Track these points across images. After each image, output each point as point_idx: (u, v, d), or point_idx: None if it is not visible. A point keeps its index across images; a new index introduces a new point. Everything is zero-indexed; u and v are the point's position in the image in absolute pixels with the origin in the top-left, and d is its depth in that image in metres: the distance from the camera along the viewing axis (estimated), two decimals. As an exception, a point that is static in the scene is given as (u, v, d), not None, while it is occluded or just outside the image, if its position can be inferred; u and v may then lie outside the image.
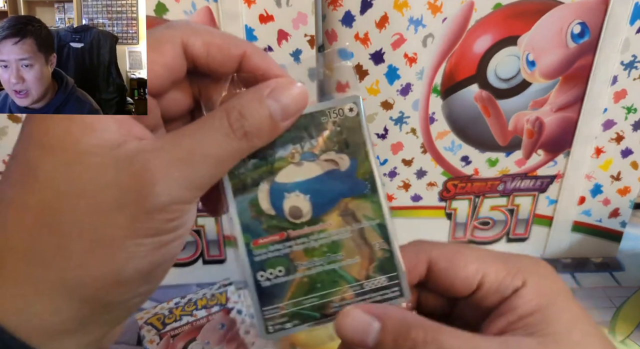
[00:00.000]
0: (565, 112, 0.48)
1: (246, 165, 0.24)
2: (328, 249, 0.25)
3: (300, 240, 0.25)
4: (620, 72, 0.46)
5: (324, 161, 0.24)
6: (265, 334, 0.25)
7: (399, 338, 0.23)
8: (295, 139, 0.24)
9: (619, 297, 0.51)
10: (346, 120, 0.24)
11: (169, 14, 0.41)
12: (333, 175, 0.24)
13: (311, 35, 0.42)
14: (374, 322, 0.23)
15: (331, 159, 0.24)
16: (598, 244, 0.56)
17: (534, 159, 0.50)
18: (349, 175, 0.24)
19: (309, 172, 0.24)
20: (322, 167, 0.24)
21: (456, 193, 0.52)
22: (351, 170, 0.24)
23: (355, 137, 0.24)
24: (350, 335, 0.24)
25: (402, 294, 0.25)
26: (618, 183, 0.52)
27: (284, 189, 0.24)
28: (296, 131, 0.24)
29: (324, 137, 0.24)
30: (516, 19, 0.44)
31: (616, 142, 0.50)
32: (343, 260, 0.25)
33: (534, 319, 0.23)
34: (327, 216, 0.25)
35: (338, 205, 0.25)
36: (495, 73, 0.46)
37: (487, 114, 0.48)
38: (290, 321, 0.25)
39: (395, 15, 0.42)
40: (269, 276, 0.25)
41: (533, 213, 0.54)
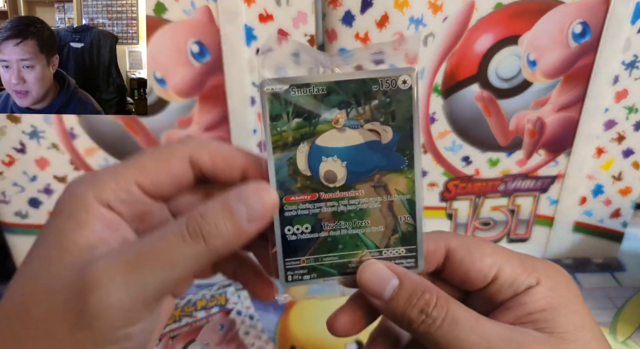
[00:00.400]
0: (566, 112, 0.48)
1: (289, 123, 0.24)
2: (355, 215, 0.25)
3: (330, 203, 0.25)
4: (621, 71, 0.46)
5: (367, 130, 0.25)
6: (284, 282, 0.26)
7: (413, 297, 0.24)
8: (342, 103, 0.24)
9: (620, 298, 0.51)
10: (397, 92, 0.24)
11: (168, 13, 0.40)
12: (373, 146, 0.25)
13: (311, 35, 0.42)
14: (394, 278, 0.24)
15: (374, 130, 0.25)
16: (599, 244, 0.55)
17: (535, 159, 0.50)
18: (389, 148, 0.25)
19: (350, 139, 0.25)
20: (364, 136, 0.25)
21: (457, 193, 0.52)
22: (392, 144, 0.25)
23: (403, 111, 0.24)
24: (370, 285, 0.25)
25: (417, 266, 0.26)
26: (619, 183, 0.52)
27: (323, 153, 0.25)
28: (344, 95, 0.24)
29: (372, 106, 0.24)
30: (517, 18, 0.44)
31: (617, 142, 0.49)
32: (368, 227, 0.26)
33: (542, 316, 0.23)
34: (360, 185, 0.25)
35: (372, 176, 0.25)
36: (496, 73, 0.46)
37: (488, 114, 0.47)
38: (309, 274, 0.26)
39: (396, 14, 0.42)
40: (295, 231, 0.25)
41: (534, 213, 0.54)
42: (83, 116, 0.43)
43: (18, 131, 0.43)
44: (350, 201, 0.25)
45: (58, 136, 0.44)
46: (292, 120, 0.24)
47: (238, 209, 0.22)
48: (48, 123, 0.43)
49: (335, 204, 0.25)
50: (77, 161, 0.46)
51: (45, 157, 0.45)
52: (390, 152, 0.25)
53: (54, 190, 0.47)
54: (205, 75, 0.43)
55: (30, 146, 0.44)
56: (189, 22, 0.41)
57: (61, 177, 0.46)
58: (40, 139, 0.44)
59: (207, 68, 0.43)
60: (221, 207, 0.22)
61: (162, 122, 0.44)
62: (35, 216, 0.48)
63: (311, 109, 0.24)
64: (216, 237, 0.21)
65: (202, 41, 0.42)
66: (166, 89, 0.43)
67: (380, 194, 0.25)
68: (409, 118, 0.24)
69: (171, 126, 0.45)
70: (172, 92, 0.43)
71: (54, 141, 0.44)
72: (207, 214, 0.21)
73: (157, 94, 0.43)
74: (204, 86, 0.43)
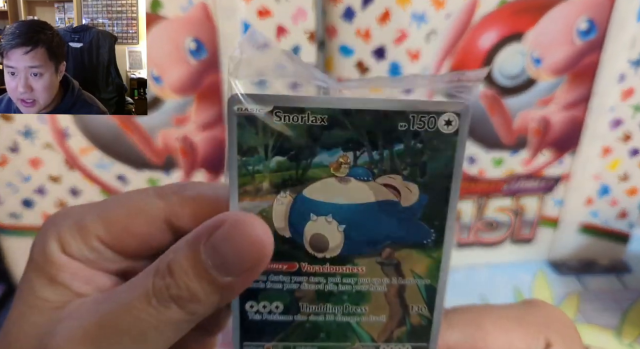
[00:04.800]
0: (571, 111, 0.47)
1: (267, 162, 0.17)
2: (349, 299, 0.19)
3: (314, 279, 0.19)
4: (627, 69, 0.45)
5: (381, 186, 0.18)
6: None
7: None
8: (349, 143, 0.17)
9: (626, 299, 0.50)
10: (436, 136, 0.17)
11: (164, 10, 0.40)
12: (388, 208, 0.18)
13: (311, 32, 0.42)
14: None
15: (393, 186, 0.18)
16: (605, 246, 0.55)
17: (539, 159, 0.50)
18: (411, 214, 0.18)
19: (355, 194, 0.18)
20: (377, 193, 0.18)
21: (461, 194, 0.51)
22: (416, 208, 0.18)
23: (440, 165, 0.17)
24: None
25: None
26: (626, 184, 0.51)
27: (313, 209, 0.18)
28: (353, 131, 0.17)
29: (395, 152, 0.17)
30: (521, 15, 0.43)
31: (623, 142, 0.49)
32: (364, 315, 0.19)
33: None
34: (361, 259, 0.18)
35: (381, 249, 0.18)
36: (501, 70, 0.45)
37: (493, 113, 0.47)
38: None
39: (397, 10, 0.41)
40: (260, 309, 0.19)
41: (539, 214, 0.53)
42: (77, 115, 0.42)
43: (12, 131, 0.43)
44: (344, 280, 0.19)
45: (52, 136, 0.44)
46: (272, 158, 0.17)
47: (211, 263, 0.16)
48: (42, 122, 0.43)
49: (321, 281, 0.19)
50: (71, 161, 0.45)
51: (39, 157, 0.44)
52: (411, 220, 0.18)
53: (48, 190, 0.46)
54: (203, 73, 0.42)
55: (24, 146, 0.44)
56: (185, 19, 0.40)
57: (55, 177, 0.46)
58: (34, 138, 0.43)
59: (204, 65, 0.42)
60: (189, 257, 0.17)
61: (159, 120, 0.44)
62: (29, 217, 0.47)
63: (302, 145, 0.17)
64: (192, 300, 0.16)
65: (199, 38, 0.41)
66: (163, 87, 0.42)
67: (389, 275, 0.19)
68: (447, 176, 0.17)
69: (168, 124, 0.44)
70: (169, 90, 0.43)
71: (48, 140, 0.44)
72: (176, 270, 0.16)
73: (153, 92, 0.42)
74: (201, 84, 0.43)
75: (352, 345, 0.19)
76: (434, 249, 0.18)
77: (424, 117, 0.17)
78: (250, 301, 0.19)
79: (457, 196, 0.18)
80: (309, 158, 0.17)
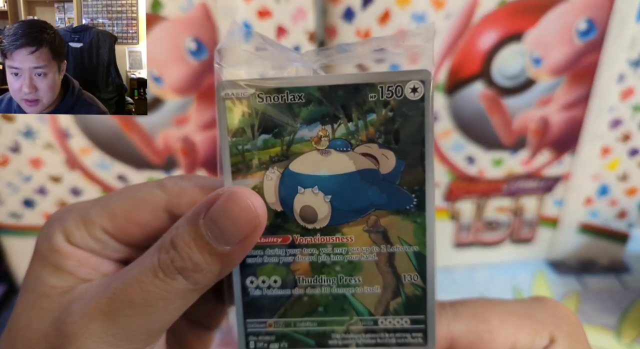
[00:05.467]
0: (571, 111, 0.47)
1: (255, 141, 0.18)
2: (342, 270, 0.19)
3: (307, 250, 0.19)
4: (627, 70, 0.45)
5: (360, 155, 0.19)
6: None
7: None
8: (326, 117, 0.18)
9: (626, 299, 0.50)
10: (404, 103, 0.18)
11: (164, 10, 0.40)
12: (368, 176, 0.19)
13: (311, 32, 0.42)
14: None
15: (371, 154, 0.19)
16: (604, 246, 0.55)
17: (539, 159, 0.50)
18: (391, 181, 0.19)
19: (336, 165, 0.19)
20: (356, 162, 0.19)
21: (460, 194, 0.51)
22: (395, 174, 0.19)
23: (411, 130, 0.18)
24: None
25: (426, 343, 0.20)
26: (625, 184, 0.51)
27: (299, 182, 0.19)
28: (329, 106, 0.18)
29: (368, 121, 0.18)
30: (521, 15, 0.43)
31: (623, 142, 0.49)
32: (359, 286, 0.20)
33: None
34: (349, 228, 0.19)
35: (367, 217, 0.19)
36: (500, 71, 0.45)
37: (492, 113, 0.47)
38: (278, 342, 0.20)
39: (397, 10, 0.41)
40: (260, 284, 0.20)
41: (538, 214, 0.53)
42: (78, 115, 0.42)
43: (12, 131, 0.43)
44: (336, 250, 0.19)
45: (53, 136, 0.44)
46: (259, 136, 0.18)
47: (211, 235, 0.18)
48: (43, 122, 0.43)
49: (314, 252, 0.19)
50: (72, 161, 0.45)
51: (39, 157, 0.44)
52: (392, 186, 0.19)
53: (49, 190, 0.46)
54: (203, 73, 0.42)
55: (24, 146, 0.44)
56: (186, 19, 0.40)
57: (56, 177, 0.46)
58: (34, 138, 0.43)
59: (205, 66, 0.42)
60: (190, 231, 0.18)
61: (159, 120, 0.44)
62: (30, 217, 0.47)
63: (284, 123, 0.18)
64: (196, 271, 0.18)
65: (199, 38, 0.41)
66: (163, 87, 0.42)
67: (377, 242, 0.19)
68: (420, 141, 0.18)
69: (168, 124, 0.44)
70: (169, 90, 0.43)
71: (48, 140, 0.44)
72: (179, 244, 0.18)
73: (153, 92, 0.42)
74: (201, 84, 0.43)
75: (350, 320, 0.20)
76: (417, 215, 0.19)
77: (391, 87, 0.18)
78: (250, 277, 0.20)
79: (432, 160, 0.19)
80: (292, 134, 0.19)
